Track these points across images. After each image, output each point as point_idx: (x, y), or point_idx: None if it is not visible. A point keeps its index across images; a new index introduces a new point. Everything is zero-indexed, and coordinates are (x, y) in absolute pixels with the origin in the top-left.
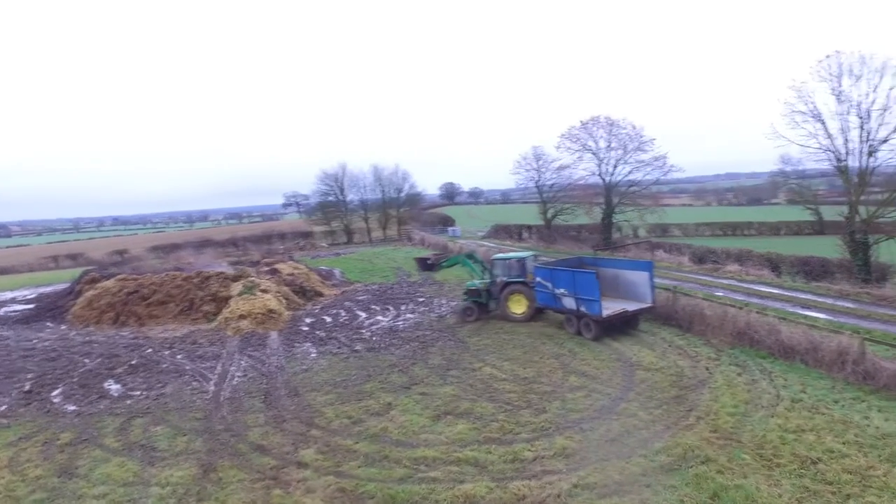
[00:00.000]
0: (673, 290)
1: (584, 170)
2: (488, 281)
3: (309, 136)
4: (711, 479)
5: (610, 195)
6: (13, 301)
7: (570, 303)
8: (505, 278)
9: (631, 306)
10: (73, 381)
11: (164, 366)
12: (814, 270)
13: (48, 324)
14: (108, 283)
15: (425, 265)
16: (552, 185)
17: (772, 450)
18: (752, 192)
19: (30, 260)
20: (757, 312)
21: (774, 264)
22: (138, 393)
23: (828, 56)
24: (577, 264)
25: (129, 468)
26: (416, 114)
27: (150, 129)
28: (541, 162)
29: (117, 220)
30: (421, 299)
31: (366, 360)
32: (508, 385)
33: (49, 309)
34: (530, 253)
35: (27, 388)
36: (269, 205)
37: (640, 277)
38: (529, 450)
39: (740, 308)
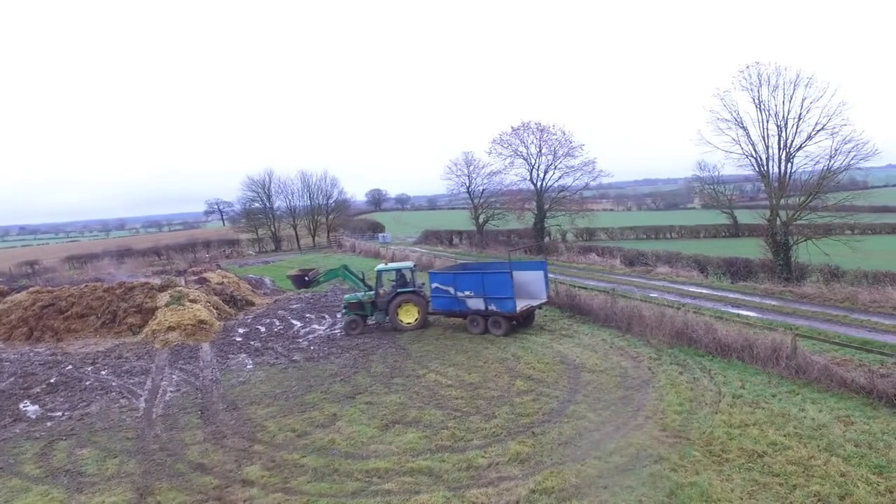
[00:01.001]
0: (611, 292)
1: (515, 175)
2: (371, 293)
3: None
4: (666, 477)
5: (541, 200)
6: None
7: (476, 303)
8: (392, 289)
9: (532, 302)
10: None
11: (88, 383)
12: (739, 271)
13: None
14: (20, 297)
15: (302, 282)
16: (483, 190)
17: (720, 445)
18: (670, 197)
19: None
20: (693, 312)
21: (702, 266)
22: (59, 413)
23: (748, 66)
24: (461, 269)
25: (53, 497)
26: (340, 122)
27: (57, 134)
28: (472, 167)
29: (24, 230)
30: None
31: (305, 370)
32: (455, 391)
33: None
34: (411, 263)
35: None
36: (190, 212)
37: (535, 276)
38: (483, 456)
39: (677, 309)
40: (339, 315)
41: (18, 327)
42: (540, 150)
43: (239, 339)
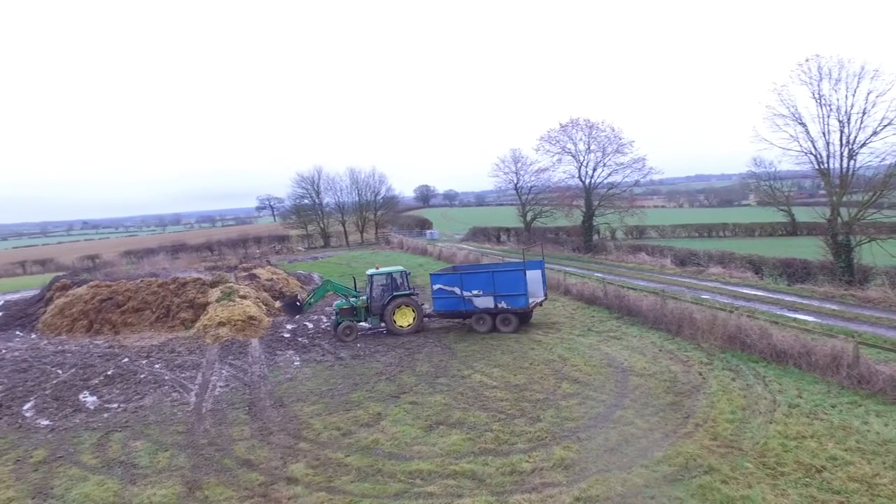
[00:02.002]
0: (661, 293)
1: (563, 172)
2: (365, 297)
3: (282, 140)
4: (717, 489)
5: (590, 198)
6: None
7: (485, 302)
8: (388, 292)
9: (534, 300)
10: (45, 394)
11: (142, 376)
12: (796, 272)
13: (18, 333)
14: (81, 290)
15: (295, 308)
16: (531, 187)
17: (774, 458)
18: (724, 193)
19: None
20: (747, 316)
21: (757, 266)
22: (115, 405)
23: (807, 59)
24: (464, 270)
25: (108, 487)
26: (389, 117)
27: (119, 130)
28: (519, 164)
29: (87, 224)
30: None
31: (351, 367)
32: (500, 393)
33: (18, 317)
34: (401, 267)
35: None
36: (242, 208)
37: (533, 276)
38: (527, 461)
39: (730, 312)
40: (325, 320)
41: (79, 320)
42: (588, 147)
43: (287, 335)
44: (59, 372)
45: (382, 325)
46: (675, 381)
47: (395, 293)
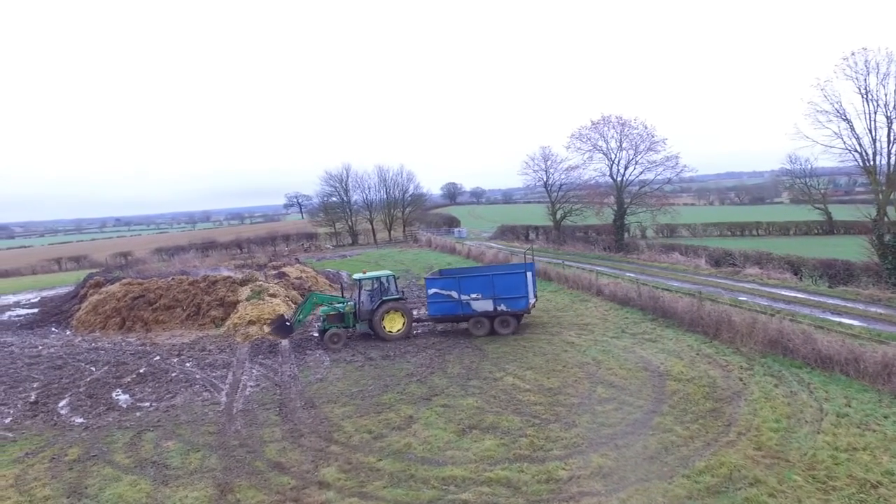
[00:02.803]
0: (697, 295)
1: (594, 170)
2: (352, 303)
3: (308, 137)
4: (763, 503)
5: (621, 196)
6: (16, 305)
7: (483, 305)
8: (377, 297)
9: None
10: (79, 391)
11: (174, 374)
12: (838, 274)
13: (53, 329)
14: (114, 288)
15: (285, 328)
16: (561, 185)
17: (824, 471)
18: (755, 191)
19: (32, 262)
20: (790, 320)
21: (795, 267)
22: (147, 404)
23: (853, 53)
24: (459, 274)
25: (141, 488)
26: (414, 114)
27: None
28: (549, 162)
29: (119, 221)
30: None
31: (381, 368)
32: (533, 396)
33: (53, 314)
34: (389, 272)
35: (33, 398)
36: (270, 205)
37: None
38: (564, 468)
39: (771, 315)
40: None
41: (112, 317)
42: (620, 145)
43: (316, 334)
44: (93, 369)
45: (371, 330)
46: (715, 386)
47: (383, 298)
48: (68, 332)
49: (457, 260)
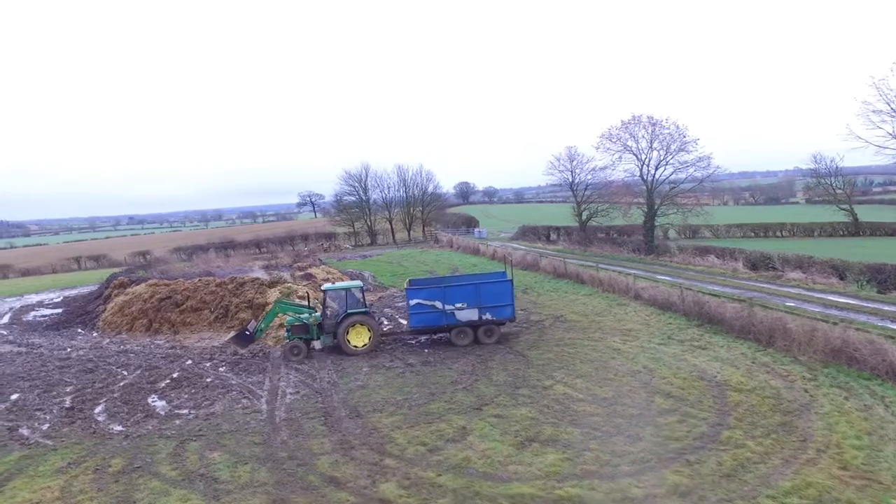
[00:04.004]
0: (748, 301)
1: (623, 171)
2: (318, 315)
3: (317, 136)
4: None
5: (652, 198)
6: (40, 305)
7: (468, 315)
8: (343, 310)
9: None
10: (114, 397)
11: (209, 380)
12: (888, 279)
13: (80, 330)
14: (140, 289)
15: (246, 337)
16: (587, 185)
17: None
18: (770, 190)
19: (52, 261)
20: (856, 329)
21: (840, 272)
22: (186, 411)
23: None
24: (443, 283)
25: (193, 502)
26: (424, 113)
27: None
28: (574, 162)
29: (133, 220)
30: None
31: (423, 375)
32: (588, 406)
33: (78, 314)
34: (360, 282)
35: (68, 403)
36: (282, 204)
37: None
38: (637, 486)
39: (834, 324)
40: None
41: (139, 318)
42: (651, 145)
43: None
44: (125, 373)
45: (335, 342)
46: (780, 398)
47: (349, 310)
48: (95, 334)
49: (482, 261)
